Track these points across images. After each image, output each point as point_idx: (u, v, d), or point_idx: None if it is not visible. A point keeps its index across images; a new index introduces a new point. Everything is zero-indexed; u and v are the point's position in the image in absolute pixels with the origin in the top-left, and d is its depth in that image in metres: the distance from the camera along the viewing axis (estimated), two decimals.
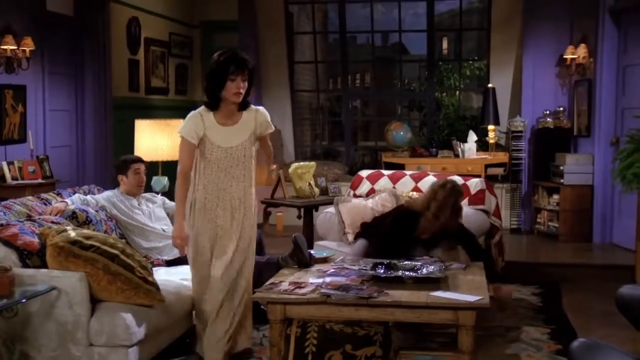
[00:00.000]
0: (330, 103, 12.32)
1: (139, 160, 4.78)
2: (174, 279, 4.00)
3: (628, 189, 5.60)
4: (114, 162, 4.80)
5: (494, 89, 7.77)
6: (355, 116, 12.12)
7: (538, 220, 7.53)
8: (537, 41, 7.57)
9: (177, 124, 5.68)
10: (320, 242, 5.18)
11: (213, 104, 3.82)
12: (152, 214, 4.72)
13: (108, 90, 7.98)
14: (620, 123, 6.71)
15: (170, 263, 4.48)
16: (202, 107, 3.87)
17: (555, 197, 7.21)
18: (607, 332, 4.46)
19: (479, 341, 4.28)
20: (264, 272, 4.31)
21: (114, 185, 4.84)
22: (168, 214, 4.86)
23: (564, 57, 7.35)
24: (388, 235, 4.45)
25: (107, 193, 4.67)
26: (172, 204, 4.96)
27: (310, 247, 5.61)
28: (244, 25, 8.43)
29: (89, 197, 4.57)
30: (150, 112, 8.98)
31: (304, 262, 4.23)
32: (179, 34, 10.18)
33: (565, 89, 7.56)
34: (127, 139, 8.37)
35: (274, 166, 4.34)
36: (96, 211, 4.40)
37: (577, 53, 7.17)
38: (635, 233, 5.37)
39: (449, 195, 4.44)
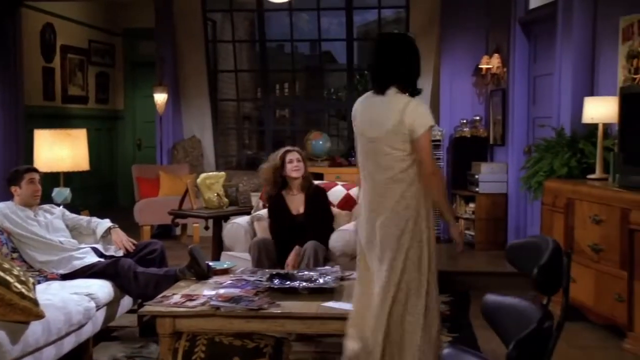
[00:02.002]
0: (259, 112, 12.32)
1: (33, 169, 4.69)
2: (64, 293, 3.93)
3: (534, 197, 5.78)
4: (6, 174, 4.69)
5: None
6: (283, 125, 12.14)
7: None
8: (453, 51, 7.75)
9: (79, 134, 5.63)
10: (229, 253, 5.17)
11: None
12: (50, 225, 4.64)
13: (19, 99, 7.81)
14: (532, 132, 6.90)
15: (65, 277, 4.40)
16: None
17: (472, 205, 7.37)
18: None
19: None
20: (161, 284, 4.29)
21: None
22: (68, 226, 4.78)
23: (480, 66, 7.54)
24: (271, 225, 4.96)
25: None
26: (73, 215, 4.89)
27: (219, 257, 5.62)
28: (161, 34, 8.38)
29: None
30: (68, 121, 8.85)
31: (201, 273, 4.22)
32: (100, 42, 10.06)
33: (482, 99, 7.75)
34: None
35: None
36: None
37: (491, 63, 7.36)
38: None
39: (276, 154, 5.03)
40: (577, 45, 5.70)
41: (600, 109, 5.07)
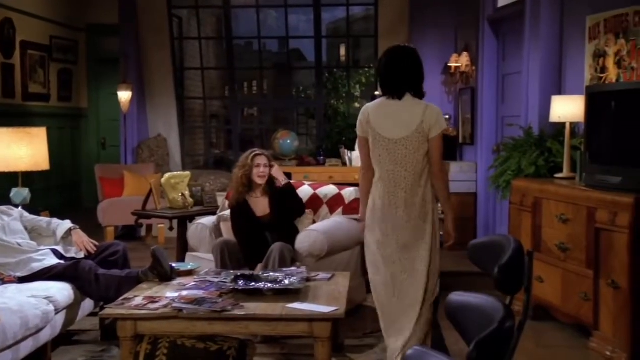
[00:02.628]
0: (227, 110, 12.28)
1: None
2: (21, 296, 3.87)
3: (502, 197, 5.84)
4: None
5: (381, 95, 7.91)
6: (251, 124, 12.12)
7: None
8: (423, 49, 7.71)
9: (38, 132, 5.54)
10: (194, 254, 5.14)
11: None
12: (7, 227, 4.57)
13: None
14: (500, 131, 6.97)
15: (23, 279, 4.34)
16: None
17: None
18: None
19: (353, 350, 4.38)
20: (123, 286, 4.25)
21: None
22: (26, 227, 4.71)
23: (449, 65, 7.59)
24: (236, 231, 4.89)
25: None
26: (31, 217, 4.82)
27: (184, 258, 5.58)
28: (125, 30, 8.30)
29: None
30: (29, 119, 8.71)
31: (164, 275, 4.19)
32: (62, 38, 9.93)
33: (452, 97, 7.81)
34: None
35: None
36: None
37: (460, 61, 7.42)
38: None
39: (244, 156, 5.02)
40: (545, 43, 5.77)
41: (568, 108, 5.13)
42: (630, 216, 4.00)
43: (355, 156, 7.76)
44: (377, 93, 8.07)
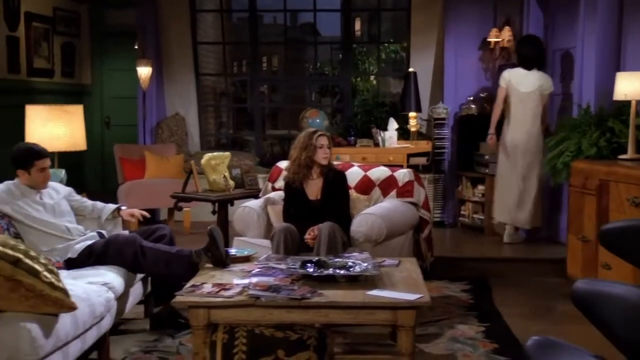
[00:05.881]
0: (235, 88, 12.23)
1: (44, 154, 4.48)
2: (79, 283, 3.86)
3: (558, 179, 5.86)
4: (11, 152, 4.48)
5: (415, 73, 7.91)
6: (262, 103, 12.08)
7: (462, 212, 7.75)
8: (459, 23, 7.78)
9: (75, 110, 5.50)
10: (241, 238, 5.13)
11: None
12: (56, 208, 4.52)
13: None
14: (548, 110, 6.97)
15: (69, 264, 4.32)
16: None
17: (481, 187, 7.45)
18: (541, 328, 4.65)
19: (418, 340, 4.38)
20: (173, 263, 4.26)
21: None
22: (72, 207, 4.68)
23: (488, 40, 7.58)
24: (285, 211, 5.00)
25: (2, 186, 4.43)
26: (78, 197, 4.80)
27: (226, 243, 5.58)
28: (142, 1, 8.21)
29: None
30: (35, 96, 8.64)
31: (219, 258, 4.17)
32: (64, 9, 9.83)
33: (489, 74, 7.81)
34: (8, 127, 8.04)
35: None
36: None
37: (501, 36, 7.41)
38: (567, 225, 5.61)
39: (305, 135, 4.98)
40: (603, 16, 5.78)
41: (635, 85, 5.14)
42: None
43: (388, 136, 7.75)
44: (411, 70, 8.04)
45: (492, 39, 7.53)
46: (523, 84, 6.60)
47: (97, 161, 10.25)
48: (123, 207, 4.77)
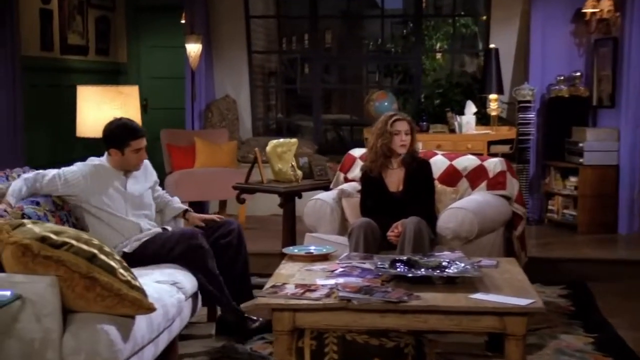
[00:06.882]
0: (285, 68, 12.28)
1: (141, 134, 4.52)
2: (148, 281, 3.92)
3: None
4: (105, 128, 4.55)
5: (497, 50, 7.86)
6: (319, 83, 12.13)
7: (550, 207, 7.70)
8: None
9: (131, 91, 5.57)
10: (313, 234, 5.16)
11: None
12: (139, 200, 4.58)
13: (16, 48, 7.71)
14: None
15: (129, 259, 4.38)
16: None
17: (573, 180, 7.39)
18: None
19: None
20: (222, 302, 4.52)
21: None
22: (155, 199, 4.76)
23: (583, 11, 7.50)
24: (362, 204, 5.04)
25: (82, 167, 4.47)
26: (161, 190, 4.88)
27: (293, 240, 5.63)
28: None
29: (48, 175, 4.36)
30: (68, 75, 8.78)
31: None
32: None
33: (583, 50, 7.73)
34: (42, 108, 8.19)
35: None
36: (36, 203, 4.20)
37: (599, 6, 7.31)
38: None
39: (382, 120, 5.00)
40: None
41: None
42: None
43: (465, 121, 7.72)
44: (492, 46, 7.99)
45: (587, 10, 7.43)
46: None
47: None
48: (190, 211, 4.84)
